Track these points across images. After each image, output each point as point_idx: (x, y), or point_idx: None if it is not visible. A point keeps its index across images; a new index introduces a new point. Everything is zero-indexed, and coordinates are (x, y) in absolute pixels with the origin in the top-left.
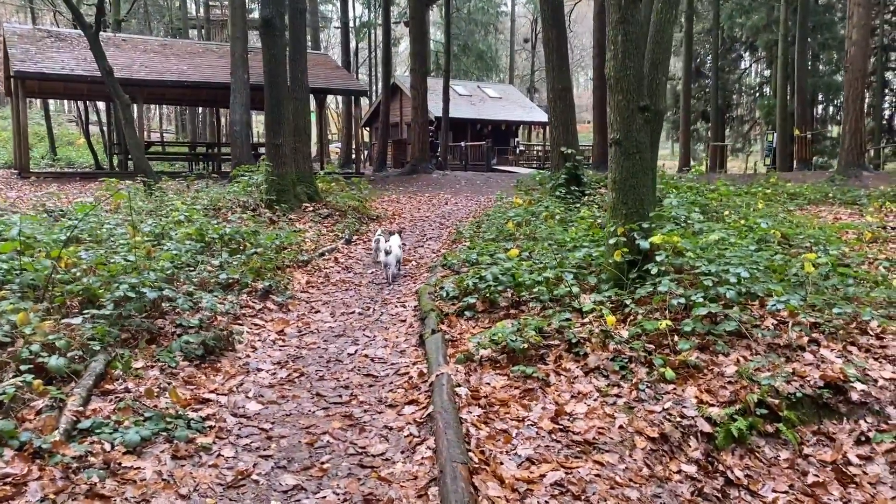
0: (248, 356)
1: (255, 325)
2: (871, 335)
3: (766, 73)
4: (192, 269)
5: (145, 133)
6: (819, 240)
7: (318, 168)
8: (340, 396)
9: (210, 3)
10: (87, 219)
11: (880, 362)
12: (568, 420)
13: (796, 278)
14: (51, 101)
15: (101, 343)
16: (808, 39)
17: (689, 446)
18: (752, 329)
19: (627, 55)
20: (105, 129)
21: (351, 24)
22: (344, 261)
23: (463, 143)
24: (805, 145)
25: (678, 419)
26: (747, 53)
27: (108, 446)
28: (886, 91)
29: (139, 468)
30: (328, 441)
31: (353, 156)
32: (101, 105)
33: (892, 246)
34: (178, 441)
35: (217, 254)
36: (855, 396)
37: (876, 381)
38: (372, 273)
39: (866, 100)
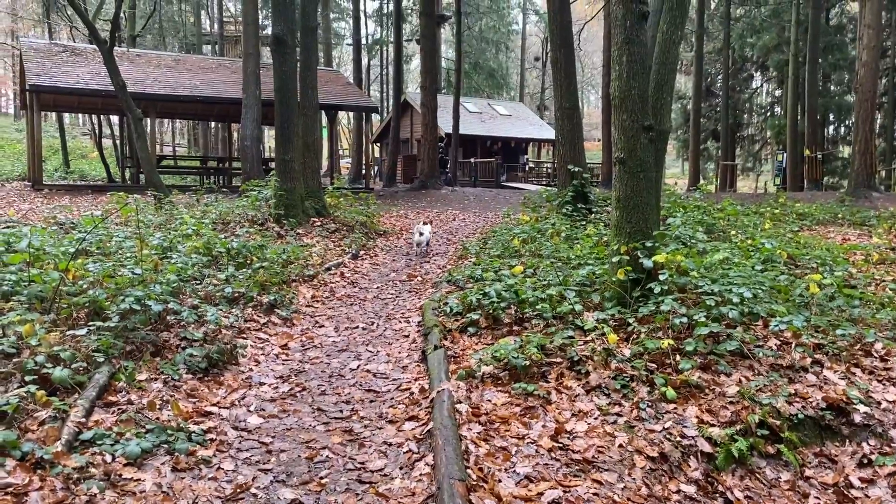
0: (251, 370)
1: (259, 338)
2: (876, 357)
3: (777, 92)
4: (198, 282)
5: (158, 147)
6: (825, 261)
7: (328, 183)
8: (341, 411)
9: (224, 20)
10: (96, 231)
11: (884, 384)
12: (568, 438)
13: (801, 299)
14: (66, 115)
15: (105, 355)
16: (819, 60)
17: (689, 466)
18: (754, 349)
19: (632, 75)
20: (118, 142)
21: (363, 41)
22: (350, 275)
23: (473, 160)
24: (815, 165)
25: (678, 439)
26: (758, 73)
27: (108, 458)
28: None
29: (139, 480)
30: (327, 456)
31: (364, 171)
32: (115, 119)
33: None
34: (178, 453)
35: (223, 267)
36: (858, 418)
37: (879, 403)
38: (377, 288)
39: (877, 121)
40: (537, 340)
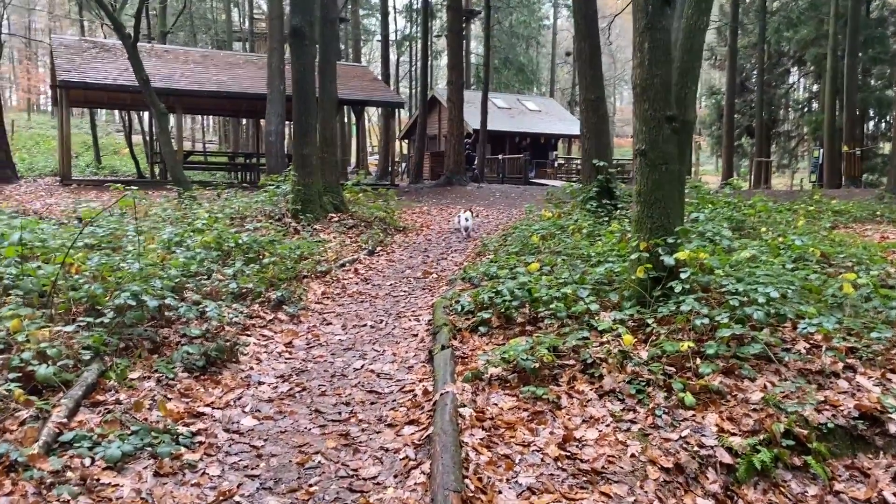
0: (251, 368)
1: (264, 336)
2: None
3: (815, 87)
4: (205, 277)
5: (190, 143)
6: (861, 259)
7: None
8: (340, 414)
9: (255, 17)
10: (107, 225)
11: None
12: (576, 447)
13: (834, 299)
14: (102, 112)
15: (96, 352)
16: (860, 54)
17: (707, 478)
18: (780, 353)
19: (654, 63)
20: (147, 138)
21: (392, 37)
22: (364, 272)
23: (500, 156)
24: (854, 162)
25: (696, 448)
26: (795, 68)
27: (87, 461)
28: None
29: (117, 485)
30: (319, 461)
31: (390, 167)
32: (145, 115)
33: None
34: (162, 457)
35: (232, 263)
36: (893, 429)
37: None
38: (391, 285)
39: None
40: (549, 341)
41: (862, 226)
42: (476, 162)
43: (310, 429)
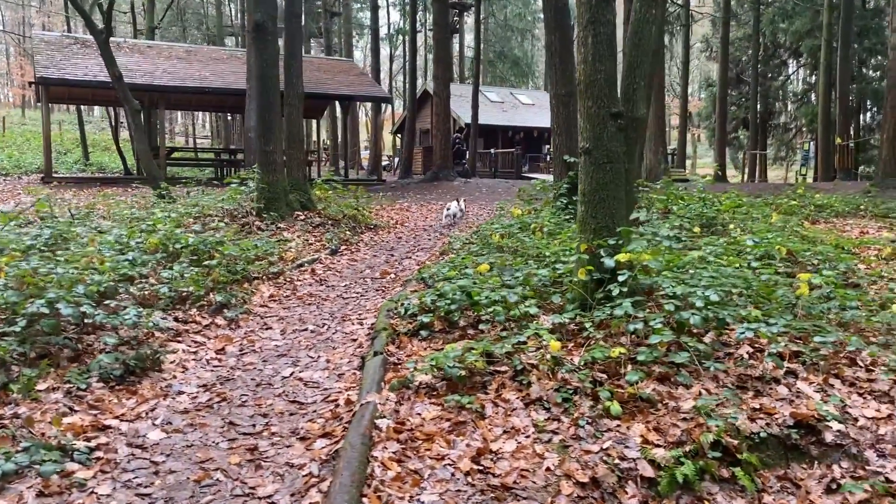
0: (174, 377)
1: (195, 342)
2: (861, 367)
3: (811, 79)
4: (144, 279)
5: (183, 139)
6: (827, 257)
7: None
8: (254, 426)
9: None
10: (54, 226)
11: (864, 398)
12: (491, 460)
13: (786, 301)
14: (96, 108)
15: (1, 362)
16: (855, 45)
17: (626, 493)
18: (714, 360)
19: (598, 58)
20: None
21: (386, 31)
22: (322, 272)
23: (493, 150)
24: (847, 154)
25: (617, 461)
26: (791, 59)
27: None
28: None
29: None
30: (218, 479)
31: (379, 163)
32: None
33: None
34: (47, 476)
35: (170, 266)
36: (829, 437)
37: (856, 420)
38: (345, 286)
39: None
40: (483, 347)
41: (843, 220)
42: (467, 157)
43: (218, 443)
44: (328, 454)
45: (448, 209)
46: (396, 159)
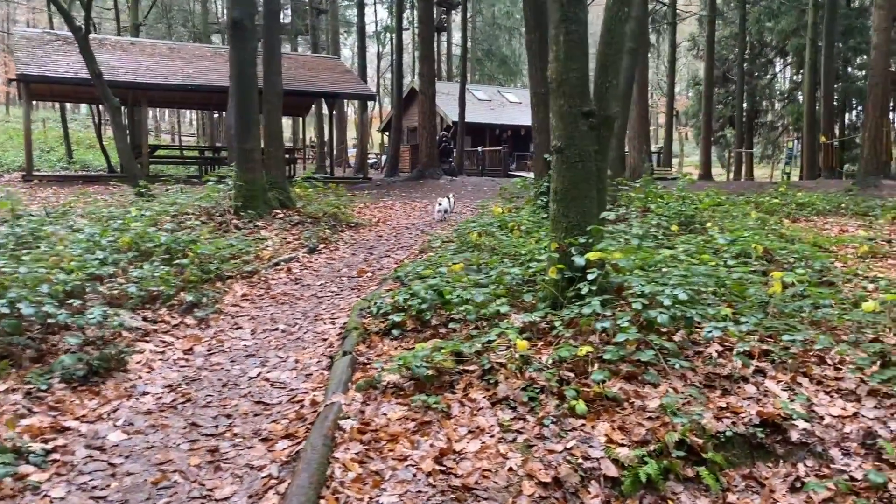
0: (139, 378)
1: (164, 342)
2: (829, 365)
3: (797, 78)
4: (113, 279)
5: (169, 137)
6: (803, 255)
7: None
8: (217, 427)
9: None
10: (27, 224)
11: (831, 397)
12: (454, 460)
13: (759, 299)
14: (83, 106)
15: None
16: (839, 44)
17: (588, 493)
18: (675, 357)
19: (570, 56)
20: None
21: (374, 28)
22: (298, 271)
23: (480, 149)
24: (831, 153)
25: (580, 461)
26: (778, 58)
27: None
28: None
29: None
30: (176, 481)
31: (365, 160)
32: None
33: (891, 262)
34: (2, 478)
35: (140, 265)
36: (795, 436)
37: (822, 418)
38: (321, 285)
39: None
40: (452, 346)
41: (824, 219)
42: (454, 155)
43: (179, 444)
44: (289, 455)
45: (440, 204)
46: (384, 157)
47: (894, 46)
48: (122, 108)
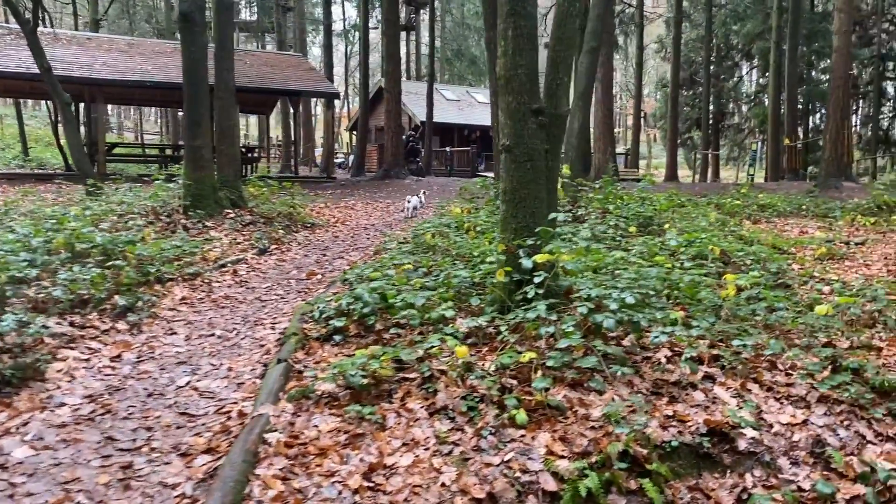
0: (58, 388)
1: (90, 348)
2: (781, 370)
3: (763, 81)
4: (38, 282)
5: (133, 135)
6: (761, 257)
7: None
8: (134, 441)
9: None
10: None
11: (781, 403)
12: (384, 476)
13: (713, 302)
14: (44, 102)
15: None
16: (804, 48)
17: None
18: (623, 364)
19: (518, 52)
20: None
21: (343, 26)
22: (245, 273)
23: (448, 149)
24: (795, 155)
25: (518, 474)
26: (744, 61)
27: None
28: (884, 101)
29: None
30: (79, 501)
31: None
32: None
33: (848, 264)
34: None
35: (70, 267)
36: (743, 445)
37: (771, 426)
38: (266, 288)
39: (862, 109)
40: (392, 353)
41: (784, 220)
42: (422, 154)
43: (90, 461)
44: (207, 472)
45: (409, 202)
46: (352, 157)
47: (855, 50)
48: (76, 104)
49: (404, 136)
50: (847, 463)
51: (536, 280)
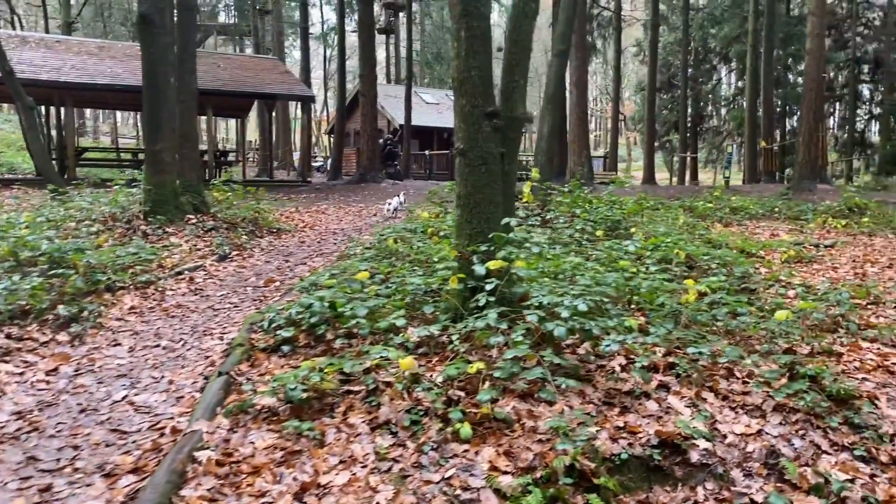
0: None
1: (26, 361)
2: (738, 378)
3: (740, 83)
4: None
5: (108, 139)
6: (726, 261)
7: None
8: (58, 461)
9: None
10: None
11: (736, 412)
12: (317, 496)
13: (672, 308)
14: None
15: None
16: (780, 51)
17: None
18: (575, 373)
19: (472, 53)
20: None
21: (322, 29)
22: (201, 281)
23: (427, 152)
24: (771, 157)
25: (458, 492)
26: (721, 64)
27: None
28: (860, 104)
29: None
30: None
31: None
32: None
33: (816, 267)
34: None
35: (9, 276)
36: (695, 457)
37: (725, 437)
38: (221, 296)
39: (836, 111)
40: (336, 364)
41: (757, 223)
42: (400, 158)
43: (7, 483)
44: (128, 495)
45: (389, 204)
46: (330, 160)
47: (830, 53)
48: (47, 108)
49: (381, 140)
50: (801, 474)
51: (489, 287)
